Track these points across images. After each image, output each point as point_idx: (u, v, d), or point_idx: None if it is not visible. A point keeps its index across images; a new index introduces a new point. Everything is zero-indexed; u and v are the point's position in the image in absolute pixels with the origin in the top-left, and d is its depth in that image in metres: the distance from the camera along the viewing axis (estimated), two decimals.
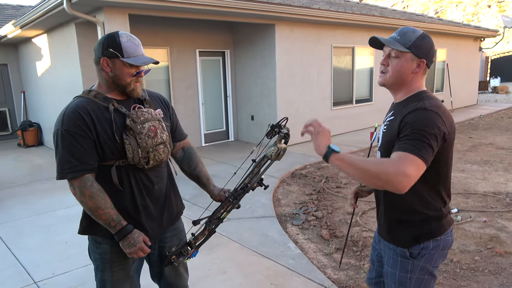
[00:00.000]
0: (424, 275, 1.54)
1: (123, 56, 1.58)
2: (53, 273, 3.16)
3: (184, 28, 7.66)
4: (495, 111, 12.43)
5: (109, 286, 1.73)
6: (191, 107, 8.05)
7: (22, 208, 4.78)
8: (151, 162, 1.66)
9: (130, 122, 1.61)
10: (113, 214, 1.58)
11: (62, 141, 1.55)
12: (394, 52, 1.51)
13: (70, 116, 1.56)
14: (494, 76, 20.18)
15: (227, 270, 3.13)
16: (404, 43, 1.48)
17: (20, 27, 7.21)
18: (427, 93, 1.53)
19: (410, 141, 1.36)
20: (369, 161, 1.36)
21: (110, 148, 1.59)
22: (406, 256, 1.54)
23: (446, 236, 1.55)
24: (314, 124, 1.49)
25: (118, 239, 1.60)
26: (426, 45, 1.49)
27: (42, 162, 7.31)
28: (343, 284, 2.91)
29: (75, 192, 1.57)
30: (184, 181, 2.05)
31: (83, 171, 1.55)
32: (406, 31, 1.51)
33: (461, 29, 12.03)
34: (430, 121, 1.38)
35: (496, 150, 7.18)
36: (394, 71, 1.52)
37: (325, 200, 4.78)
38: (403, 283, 1.56)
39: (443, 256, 1.58)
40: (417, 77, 1.53)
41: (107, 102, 1.63)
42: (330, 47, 8.61)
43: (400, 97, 1.57)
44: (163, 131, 1.71)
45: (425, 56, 1.50)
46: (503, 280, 2.90)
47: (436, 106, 1.44)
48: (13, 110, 9.96)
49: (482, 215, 4.13)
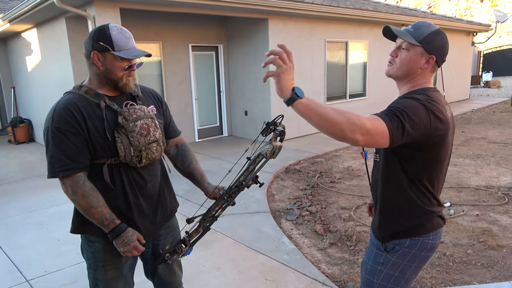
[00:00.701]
0: (394, 271, 1.52)
1: (114, 50, 1.54)
2: (45, 271, 3.12)
3: (177, 22, 7.58)
4: (487, 105, 12.53)
5: (102, 284, 1.70)
6: (184, 102, 8.00)
7: (14, 205, 4.72)
8: (143, 160, 1.63)
9: (122, 120, 1.57)
10: (106, 213, 1.55)
11: (52, 138, 1.51)
12: (405, 44, 1.46)
13: (60, 113, 1.52)
14: (486, 71, 20.35)
15: (221, 266, 3.13)
16: (416, 37, 1.44)
17: (8, 21, 7.08)
18: (429, 92, 1.43)
19: (385, 112, 1.32)
20: (333, 108, 1.25)
21: (102, 146, 1.55)
22: (381, 248, 1.56)
23: (426, 238, 1.49)
24: (281, 57, 1.24)
25: (111, 238, 1.58)
26: (438, 41, 1.44)
27: (34, 158, 7.22)
28: (337, 279, 2.92)
29: (67, 191, 1.54)
30: (177, 177, 2.02)
31: (75, 170, 1.52)
32: (420, 25, 1.46)
33: (454, 23, 12.08)
34: (414, 108, 1.32)
35: (488, 144, 7.24)
36: (402, 63, 1.48)
37: (319, 195, 4.79)
38: (372, 274, 1.57)
39: (421, 258, 1.51)
40: (425, 74, 1.48)
41: (99, 98, 1.58)
42: (324, 42, 8.59)
43: (403, 91, 1.52)
44: (156, 129, 1.67)
45: (435, 52, 1.44)
46: (495, 273, 2.93)
47: (431, 101, 1.36)
48: (3, 106, 9.81)
49: (475, 208, 4.16)
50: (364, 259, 1.66)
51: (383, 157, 1.52)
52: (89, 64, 1.61)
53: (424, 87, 1.47)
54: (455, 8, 31.25)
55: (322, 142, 7.75)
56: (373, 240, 1.64)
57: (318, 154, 6.82)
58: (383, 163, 1.52)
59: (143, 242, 1.65)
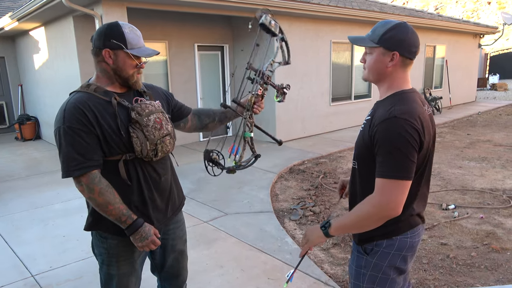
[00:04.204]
0: (377, 273, 1.51)
1: (127, 48, 1.55)
2: (50, 267, 3.16)
3: (183, 22, 7.62)
4: (494, 108, 12.44)
5: (116, 279, 1.72)
6: (190, 101, 8.02)
7: (20, 201, 4.77)
8: (159, 154, 1.65)
9: (135, 115, 1.58)
10: (123, 209, 1.56)
11: (65, 138, 1.51)
12: (368, 49, 1.50)
13: (72, 112, 1.51)
14: (493, 73, 20.20)
15: (224, 264, 3.14)
16: (373, 39, 1.46)
17: (17, 19, 7.15)
18: (404, 94, 1.44)
19: (386, 163, 1.34)
20: (356, 213, 1.42)
21: (116, 143, 1.56)
22: (361, 251, 1.55)
23: (403, 237, 1.48)
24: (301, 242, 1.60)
25: (129, 233, 1.58)
26: (397, 36, 1.42)
27: (40, 155, 7.29)
28: (339, 279, 2.93)
29: (82, 189, 1.53)
30: (182, 175, 2.05)
31: (90, 168, 1.52)
32: (377, 26, 1.48)
33: (461, 25, 12.01)
34: (400, 134, 1.33)
35: (494, 147, 7.20)
36: (370, 67, 1.50)
37: (323, 195, 4.79)
38: (357, 278, 1.57)
39: (402, 258, 1.49)
40: (396, 71, 1.46)
41: (108, 96, 1.59)
42: (329, 43, 8.58)
43: (382, 92, 1.52)
44: (168, 122, 1.70)
45: (396, 47, 1.42)
46: (499, 276, 2.92)
47: (408, 112, 1.36)
48: (10, 103, 9.91)
49: (479, 211, 4.14)
50: (349, 264, 1.65)
51: (363, 165, 1.51)
52: (98, 61, 1.61)
53: (399, 91, 1.46)
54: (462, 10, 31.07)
55: (327, 143, 7.75)
56: (353, 244, 1.64)
57: (323, 154, 6.82)
58: (361, 169, 1.52)
59: (159, 236, 1.67)
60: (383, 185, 1.34)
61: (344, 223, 1.45)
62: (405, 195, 1.36)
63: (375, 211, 1.35)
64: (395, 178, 1.33)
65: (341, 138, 8.11)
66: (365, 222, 1.39)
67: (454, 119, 10.44)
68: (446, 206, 4.27)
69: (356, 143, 1.55)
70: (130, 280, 1.76)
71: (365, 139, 1.45)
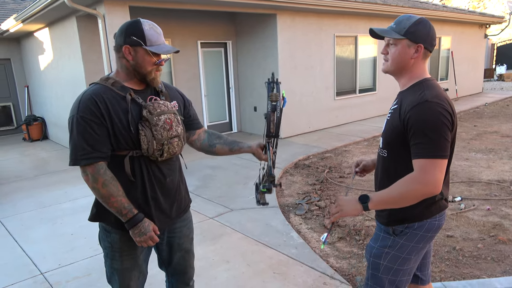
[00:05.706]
0: (401, 253, 1.58)
1: (146, 44, 1.58)
2: (59, 264, 3.21)
3: (186, 19, 7.62)
4: (501, 99, 12.30)
5: (119, 273, 1.76)
6: (194, 98, 8.04)
7: (28, 201, 4.83)
8: (165, 154, 1.66)
9: (146, 113, 1.60)
10: (124, 202, 1.58)
11: (77, 127, 1.54)
12: (392, 40, 1.57)
13: (86, 103, 1.55)
14: (500, 64, 19.92)
15: (230, 259, 3.16)
16: (399, 31, 1.54)
17: (21, 21, 7.21)
18: (429, 82, 1.54)
19: (424, 145, 1.41)
20: (398, 189, 1.45)
21: (125, 138, 1.59)
22: (389, 232, 1.61)
23: (433, 219, 1.57)
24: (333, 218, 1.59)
25: (128, 227, 1.61)
26: (422, 30, 1.52)
27: (47, 155, 7.37)
28: (345, 272, 2.93)
29: (87, 178, 1.57)
30: (188, 173, 2.07)
31: (97, 159, 1.55)
32: (401, 19, 1.56)
33: (466, 16, 11.86)
34: (435, 115, 1.41)
35: (501, 138, 7.13)
36: (394, 58, 1.57)
37: (328, 190, 4.79)
38: (378, 257, 1.62)
39: (427, 239, 1.59)
40: (418, 62, 1.56)
41: (124, 91, 1.62)
42: (333, 36, 8.54)
43: (404, 83, 1.61)
44: (178, 124, 1.71)
45: (422, 40, 1.52)
46: (505, 267, 2.90)
47: (438, 96, 1.46)
48: (17, 104, 10.01)
49: (486, 203, 4.12)
50: (369, 244, 1.70)
51: (393, 153, 1.58)
52: (118, 57, 1.64)
53: (423, 79, 1.56)
54: (468, 0, 30.66)
55: (332, 137, 7.73)
56: (377, 226, 1.69)
57: (328, 149, 6.81)
58: (392, 158, 1.59)
59: (158, 233, 1.69)
60: (425, 165, 1.40)
61: (385, 198, 1.48)
62: (443, 173, 1.42)
63: (419, 187, 1.40)
64: (435, 158, 1.40)
65: (347, 132, 8.08)
66: (406, 199, 1.44)
67: (460, 110, 10.34)
68: (453, 198, 4.25)
69: (385, 133, 1.62)
70: (133, 275, 1.78)
71: (395, 127, 1.53)
